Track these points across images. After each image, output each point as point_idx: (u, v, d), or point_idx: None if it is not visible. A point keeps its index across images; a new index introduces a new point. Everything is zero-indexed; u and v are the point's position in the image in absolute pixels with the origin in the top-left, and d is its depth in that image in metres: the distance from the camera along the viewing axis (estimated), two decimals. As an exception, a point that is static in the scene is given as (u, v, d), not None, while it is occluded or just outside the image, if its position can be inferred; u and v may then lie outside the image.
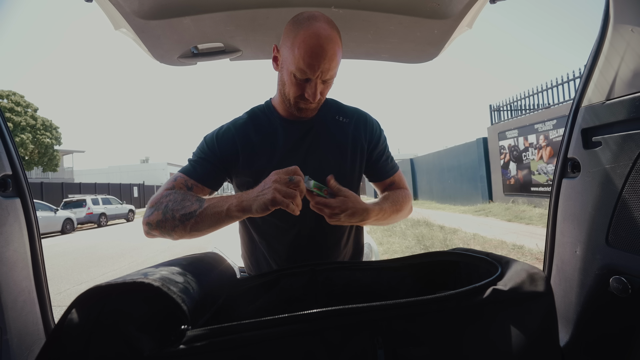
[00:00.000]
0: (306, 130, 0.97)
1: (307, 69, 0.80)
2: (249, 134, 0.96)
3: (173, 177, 0.94)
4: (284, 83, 0.88)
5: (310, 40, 0.78)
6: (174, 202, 0.82)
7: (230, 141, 0.95)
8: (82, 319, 0.41)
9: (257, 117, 1.00)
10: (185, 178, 0.92)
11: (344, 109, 1.05)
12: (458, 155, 13.32)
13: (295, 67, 0.81)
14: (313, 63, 0.79)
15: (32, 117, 19.44)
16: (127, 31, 1.07)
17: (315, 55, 0.79)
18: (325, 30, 0.79)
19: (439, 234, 7.04)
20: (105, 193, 22.29)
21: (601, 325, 0.72)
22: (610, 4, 0.68)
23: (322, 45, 0.78)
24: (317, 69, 0.80)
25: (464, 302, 0.48)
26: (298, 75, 0.82)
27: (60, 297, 4.48)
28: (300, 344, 0.43)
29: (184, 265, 0.57)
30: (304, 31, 0.79)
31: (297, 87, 0.85)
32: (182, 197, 0.83)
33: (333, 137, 0.99)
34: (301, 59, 0.79)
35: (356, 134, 1.01)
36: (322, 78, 0.83)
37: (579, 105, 0.76)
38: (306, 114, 0.93)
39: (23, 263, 0.74)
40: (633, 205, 0.63)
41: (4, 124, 0.74)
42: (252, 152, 0.95)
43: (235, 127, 0.97)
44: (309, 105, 0.89)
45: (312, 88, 0.84)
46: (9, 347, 0.68)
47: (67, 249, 8.89)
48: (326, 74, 0.82)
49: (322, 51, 0.79)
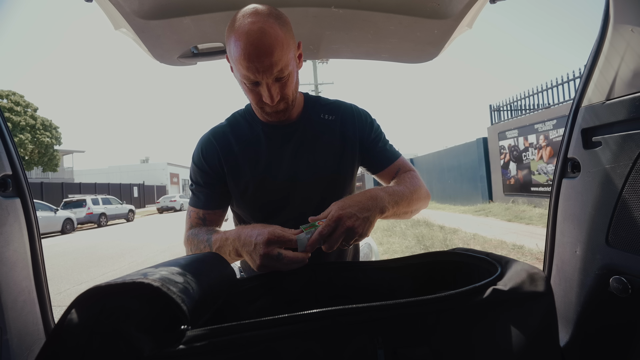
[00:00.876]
0: (290, 135, 0.92)
1: (248, 73, 0.73)
2: (230, 144, 0.92)
3: (188, 214, 0.98)
4: (243, 91, 0.83)
5: (242, 41, 0.70)
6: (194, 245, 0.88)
7: (214, 154, 0.92)
8: (82, 318, 0.41)
9: (238, 124, 0.95)
10: (197, 211, 0.95)
11: (329, 105, 0.99)
12: (458, 155, 13.32)
13: (240, 74, 0.75)
14: (251, 65, 0.71)
15: (31, 117, 19.43)
16: (127, 31, 1.07)
17: (250, 55, 0.70)
18: (255, 24, 0.70)
19: (439, 234, 7.04)
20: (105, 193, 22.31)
21: (601, 325, 0.72)
22: (610, 4, 0.68)
23: (253, 43, 0.69)
24: (259, 70, 0.72)
25: (464, 302, 0.48)
26: (247, 82, 0.76)
27: (60, 297, 4.48)
28: (300, 344, 0.43)
29: (184, 265, 0.57)
30: (234, 33, 0.71)
31: (252, 93, 0.79)
32: (198, 238, 0.87)
33: (320, 138, 0.94)
34: (240, 64, 0.72)
35: (344, 130, 0.95)
36: (270, 77, 0.74)
37: (579, 105, 0.76)
38: (279, 116, 0.86)
39: (23, 263, 0.74)
40: (633, 205, 0.63)
41: (4, 123, 0.74)
42: (235, 163, 0.91)
43: (216, 137, 0.93)
44: (277, 107, 0.82)
45: (265, 91, 0.76)
46: (9, 347, 0.68)
47: (67, 249, 8.89)
48: (271, 71, 0.72)
49: (256, 49, 0.69)
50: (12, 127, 18.34)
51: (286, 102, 0.82)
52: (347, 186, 0.99)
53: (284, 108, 0.84)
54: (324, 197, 0.93)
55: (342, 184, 0.97)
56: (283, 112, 0.85)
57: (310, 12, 1.06)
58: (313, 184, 0.93)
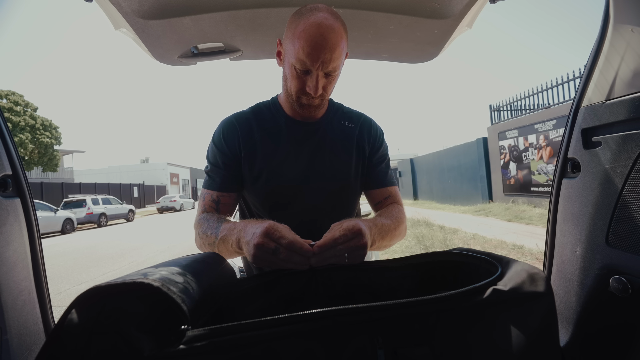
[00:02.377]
0: (311, 133, 0.95)
1: (307, 59, 0.77)
2: (252, 130, 0.94)
3: (202, 196, 0.95)
4: (286, 78, 0.86)
5: (311, 29, 0.76)
6: (202, 230, 0.86)
7: (235, 137, 0.93)
8: (82, 318, 0.41)
9: (261, 113, 0.97)
10: (211, 193, 0.93)
11: (350, 114, 1.03)
12: (458, 155, 13.32)
13: (296, 58, 0.78)
14: (313, 53, 0.76)
15: (31, 117, 19.42)
16: (127, 31, 1.07)
17: (316, 44, 0.76)
18: (327, 20, 0.77)
19: (439, 234, 7.04)
20: (105, 193, 22.31)
21: (601, 325, 0.72)
22: (610, 4, 0.68)
23: (322, 35, 0.75)
24: (318, 60, 0.77)
25: (464, 302, 0.48)
26: (298, 67, 0.80)
27: (60, 297, 4.48)
28: (300, 344, 0.43)
29: (184, 265, 0.57)
30: (305, 21, 0.77)
31: (298, 80, 0.82)
32: (207, 223, 0.86)
33: (338, 140, 0.97)
34: (301, 49, 0.77)
35: (360, 138, 0.99)
36: (324, 70, 0.80)
37: (579, 105, 0.76)
38: (310, 111, 0.89)
39: (23, 263, 0.74)
40: (633, 205, 0.63)
41: (4, 124, 0.74)
42: (253, 149, 0.93)
43: (238, 121, 0.95)
44: (311, 101, 0.86)
45: (313, 80, 0.80)
46: (9, 347, 0.68)
47: (67, 249, 8.89)
48: (327, 65, 0.79)
49: (323, 40, 0.76)
50: (12, 127, 18.34)
51: (323, 98, 0.87)
52: (355, 194, 1.02)
53: (318, 104, 0.88)
54: (332, 201, 0.96)
55: (352, 190, 1.00)
56: (316, 107, 0.89)
57: (310, 12, 1.06)
58: (323, 186, 0.95)
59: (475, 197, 12.04)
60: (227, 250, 0.79)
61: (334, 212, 0.95)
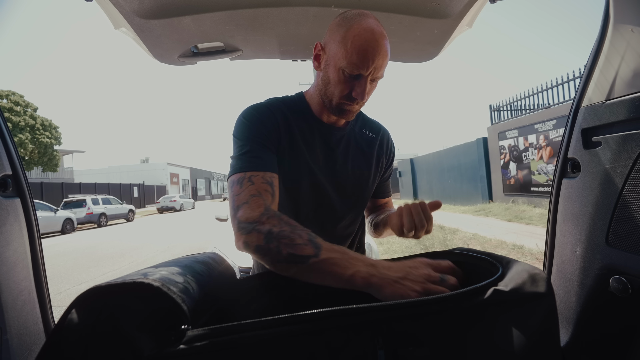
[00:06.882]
0: (339, 138, 0.94)
1: (360, 63, 0.75)
2: (289, 124, 0.89)
3: (247, 179, 0.76)
4: (328, 82, 0.82)
5: (365, 34, 0.74)
6: (280, 230, 0.65)
7: (275, 124, 0.86)
8: (82, 318, 0.41)
9: (292, 107, 0.92)
10: (261, 174, 0.77)
11: (371, 123, 1.03)
12: (458, 155, 13.33)
13: (347, 61, 0.76)
14: (367, 57, 0.75)
15: (31, 117, 19.42)
16: (127, 31, 1.07)
17: (370, 49, 0.75)
18: (379, 27, 0.77)
19: (439, 234, 7.04)
20: (105, 193, 22.31)
21: (601, 325, 0.72)
22: (610, 4, 0.68)
23: (377, 40, 0.75)
24: (371, 65, 0.76)
25: (464, 303, 0.47)
26: (348, 71, 0.77)
27: (60, 297, 4.48)
28: (300, 345, 0.43)
29: (184, 265, 0.57)
30: (358, 25, 0.75)
31: (344, 85, 0.80)
32: (291, 227, 0.66)
33: (362, 150, 0.98)
34: (354, 53, 0.75)
35: (380, 151, 1.01)
36: (373, 76, 0.78)
37: (579, 105, 0.76)
38: (348, 116, 0.87)
39: (23, 263, 0.74)
40: (633, 205, 0.63)
41: (4, 123, 0.74)
42: (291, 143, 0.88)
43: (272, 110, 0.88)
44: (353, 107, 0.83)
45: (361, 86, 0.78)
46: (9, 347, 0.68)
47: (67, 249, 8.89)
48: (378, 71, 0.78)
49: (378, 46, 0.75)
50: (12, 127, 18.33)
51: (361, 104, 0.85)
52: (364, 206, 1.03)
53: (357, 110, 0.86)
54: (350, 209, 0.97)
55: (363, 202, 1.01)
56: (353, 113, 0.86)
57: (311, 12, 1.06)
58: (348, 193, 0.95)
59: (475, 197, 12.04)
60: (325, 277, 0.61)
61: (348, 219, 0.97)
